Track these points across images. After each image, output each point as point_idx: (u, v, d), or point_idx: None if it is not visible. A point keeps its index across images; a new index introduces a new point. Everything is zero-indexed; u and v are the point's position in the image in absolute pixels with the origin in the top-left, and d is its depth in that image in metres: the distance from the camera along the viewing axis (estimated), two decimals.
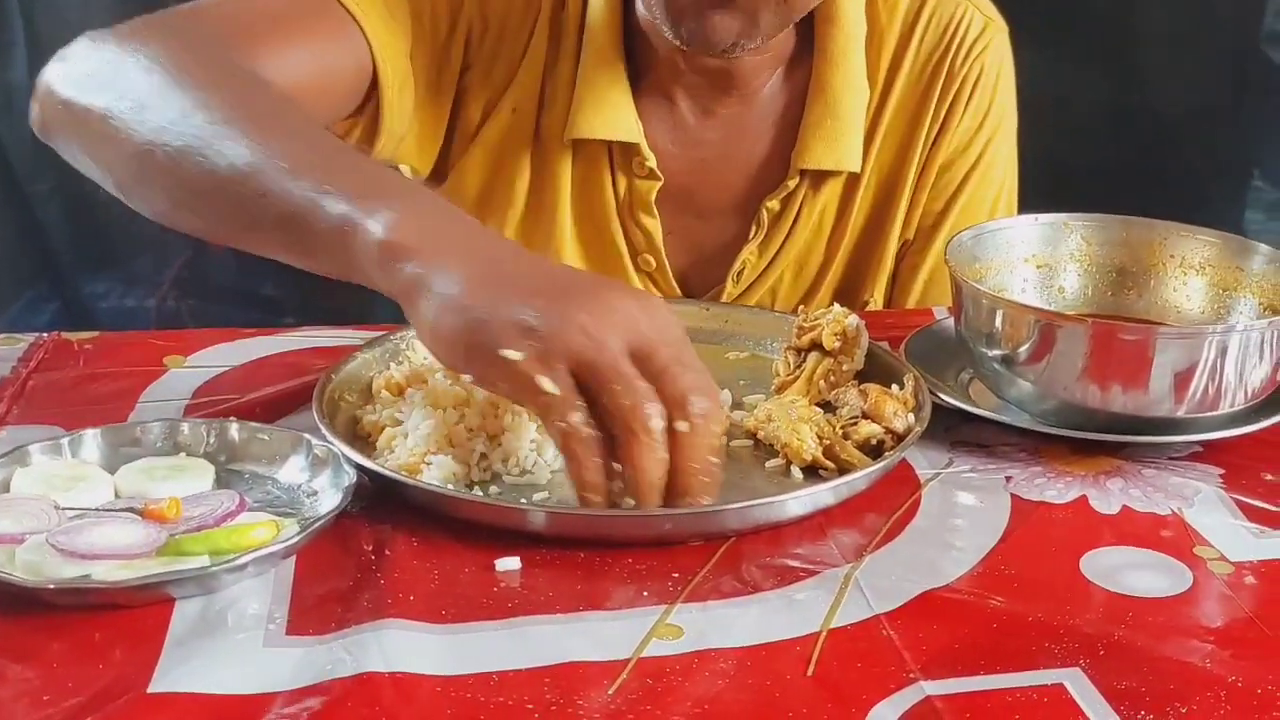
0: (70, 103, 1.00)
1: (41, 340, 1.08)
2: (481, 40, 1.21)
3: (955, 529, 0.84)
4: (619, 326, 0.77)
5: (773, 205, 1.24)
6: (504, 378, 0.78)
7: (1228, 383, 0.91)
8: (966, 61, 1.25)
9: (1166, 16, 2.10)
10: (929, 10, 1.26)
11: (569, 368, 0.77)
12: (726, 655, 0.70)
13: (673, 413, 0.78)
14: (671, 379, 0.78)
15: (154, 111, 0.93)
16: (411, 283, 0.81)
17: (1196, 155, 2.15)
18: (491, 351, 0.77)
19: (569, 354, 0.77)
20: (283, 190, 0.86)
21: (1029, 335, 0.93)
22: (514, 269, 0.82)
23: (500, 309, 0.78)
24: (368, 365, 0.97)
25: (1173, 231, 1.06)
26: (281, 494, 0.85)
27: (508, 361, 0.77)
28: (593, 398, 0.78)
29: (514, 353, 0.77)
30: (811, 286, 1.28)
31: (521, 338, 0.77)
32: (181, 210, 0.95)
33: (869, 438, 0.89)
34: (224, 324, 1.23)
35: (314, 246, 0.86)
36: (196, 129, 0.91)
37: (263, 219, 0.88)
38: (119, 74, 0.98)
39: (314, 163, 0.88)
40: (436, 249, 0.81)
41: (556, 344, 0.76)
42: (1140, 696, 0.68)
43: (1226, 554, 0.81)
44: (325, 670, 0.68)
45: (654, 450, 0.77)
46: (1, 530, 0.75)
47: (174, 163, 0.91)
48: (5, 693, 0.67)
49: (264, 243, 0.91)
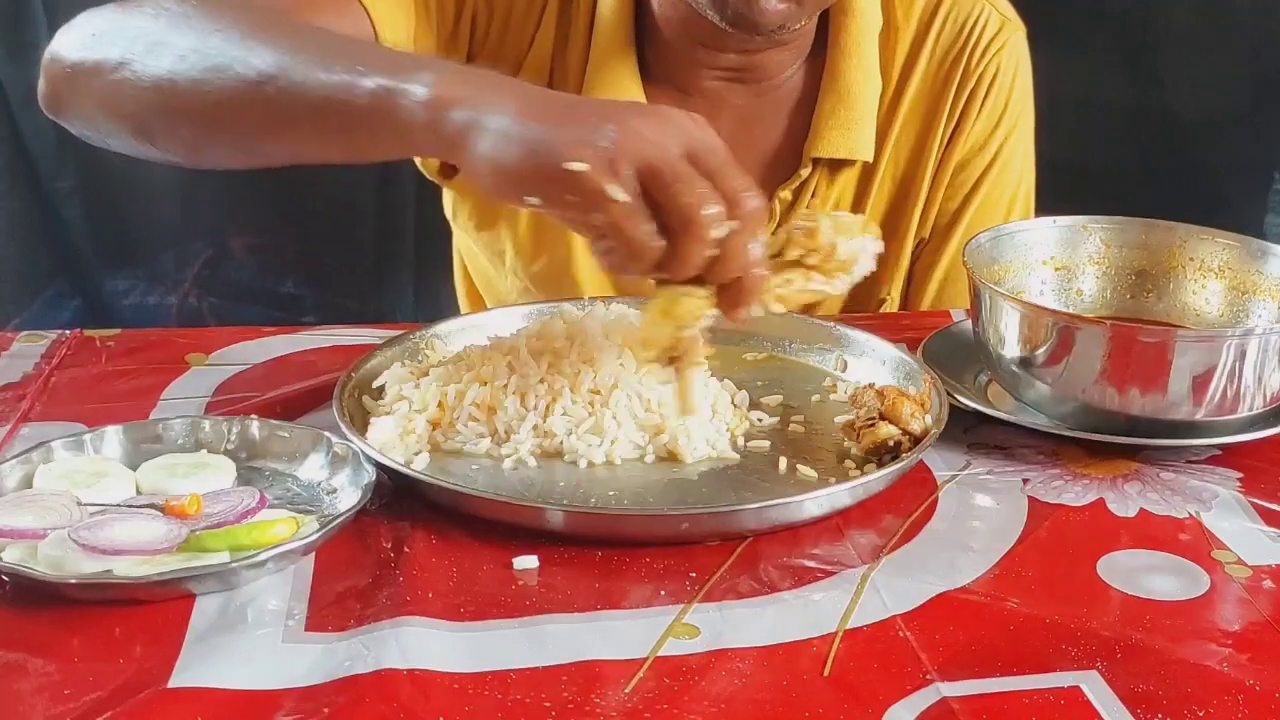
0: (79, 64, 1.00)
1: (64, 337, 1.09)
2: (487, 28, 1.22)
3: (972, 531, 0.84)
4: (675, 133, 0.80)
5: (785, 195, 1.24)
6: (572, 190, 0.79)
7: (1246, 386, 0.91)
8: (983, 60, 1.25)
9: (1186, 18, 2.09)
10: (946, 8, 1.26)
11: (634, 172, 0.78)
12: (743, 655, 0.71)
13: (727, 210, 0.80)
14: (725, 179, 0.80)
15: (168, 47, 0.95)
16: (463, 127, 0.82)
17: (1216, 157, 2.14)
18: (556, 167, 0.78)
19: (634, 158, 0.78)
20: (315, 80, 0.88)
21: (1047, 337, 0.93)
22: (563, 99, 0.85)
23: (560, 128, 0.80)
24: (387, 364, 0.97)
25: (1192, 234, 1.06)
26: (301, 491, 0.85)
27: (575, 174, 0.78)
28: (654, 202, 0.79)
29: (580, 164, 0.78)
30: None
31: (584, 149, 0.78)
32: (210, 132, 0.96)
33: (886, 439, 0.89)
34: (245, 322, 1.24)
35: (353, 125, 0.87)
36: (216, 49, 0.93)
37: (296, 113, 0.90)
38: (126, 25, 0.99)
39: (341, 52, 0.91)
40: (483, 91, 0.83)
41: (621, 150, 0.78)
42: (1157, 699, 0.68)
43: (1244, 558, 0.81)
44: (344, 666, 0.69)
45: (705, 242, 0.79)
46: (24, 525, 0.76)
47: (197, 85, 0.93)
48: (27, 686, 0.67)
49: (300, 138, 0.92)
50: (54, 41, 1.04)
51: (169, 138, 0.99)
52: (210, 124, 0.96)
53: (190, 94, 0.93)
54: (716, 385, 0.97)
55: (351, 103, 0.87)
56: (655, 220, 0.79)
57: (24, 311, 2.12)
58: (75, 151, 2.03)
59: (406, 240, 2.12)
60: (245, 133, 0.95)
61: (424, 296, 2.12)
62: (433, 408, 0.91)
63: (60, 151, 2.08)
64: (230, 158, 1.01)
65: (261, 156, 0.98)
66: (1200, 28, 2.10)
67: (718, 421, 0.93)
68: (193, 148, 0.99)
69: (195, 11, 0.98)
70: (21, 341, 1.08)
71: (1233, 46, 2.10)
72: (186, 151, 1.00)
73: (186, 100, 0.94)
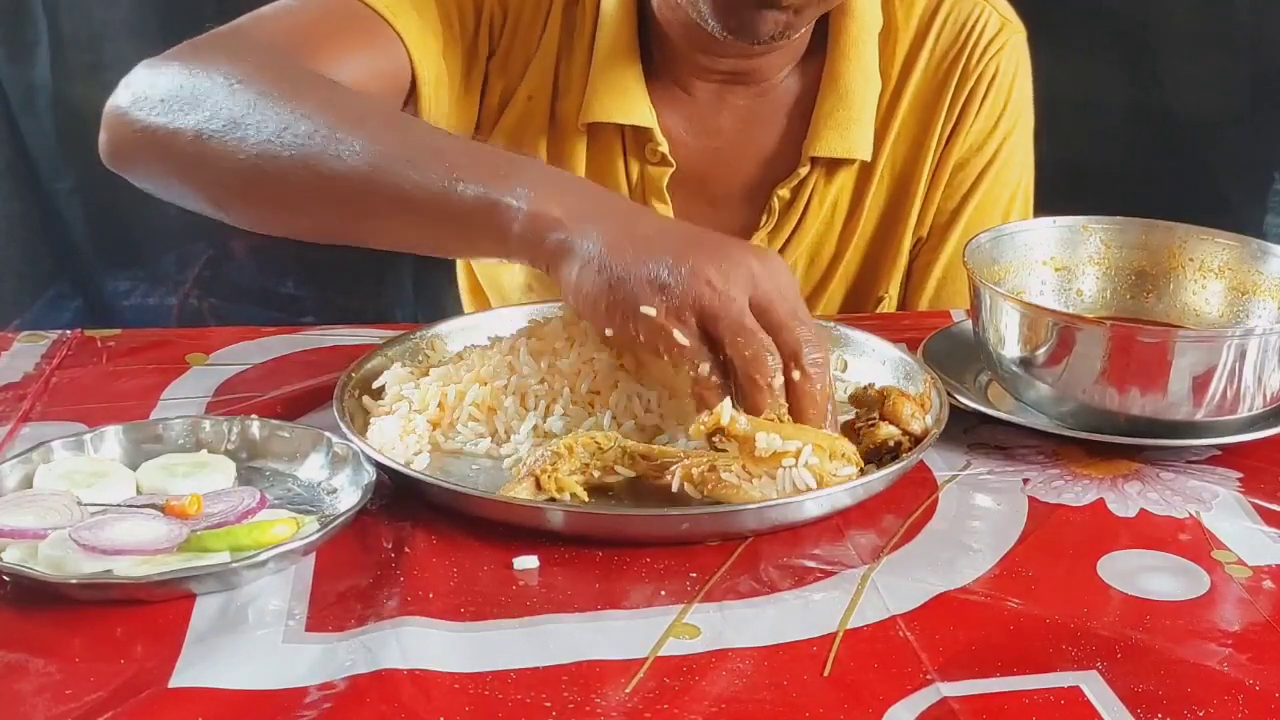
0: (151, 127, 1.01)
1: (65, 337, 1.09)
2: (501, 29, 1.23)
3: (972, 531, 0.84)
4: (742, 282, 0.85)
5: (784, 193, 1.25)
6: (642, 331, 0.86)
7: (1246, 386, 0.91)
8: (982, 61, 1.26)
9: (1186, 18, 2.09)
10: (946, 9, 1.26)
11: (698, 320, 0.85)
12: (743, 655, 0.71)
13: (788, 363, 0.86)
14: (788, 331, 0.86)
15: (252, 128, 0.96)
16: (556, 249, 0.89)
17: (1216, 158, 2.14)
18: (631, 307, 0.85)
19: (698, 308, 0.85)
20: (411, 183, 0.92)
21: (1047, 338, 0.93)
22: (646, 230, 0.89)
23: (636, 268, 0.86)
24: (387, 364, 0.97)
25: (1192, 235, 1.06)
26: (302, 491, 0.85)
27: (645, 316, 0.85)
28: (717, 346, 0.86)
29: (649, 309, 0.85)
30: (824, 277, 1.29)
31: (656, 294, 0.85)
32: (295, 215, 0.99)
33: (886, 440, 0.89)
34: (245, 322, 1.24)
35: (449, 232, 0.93)
36: (303, 139, 0.95)
37: (387, 213, 0.94)
38: (200, 94, 1.00)
39: (433, 149, 0.94)
40: (577, 217, 0.89)
41: (687, 300, 0.85)
42: (1157, 700, 0.68)
43: (1244, 558, 0.81)
44: (344, 667, 0.69)
45: (770, 396, 0.85)
46: (24, 526, 0.76)
47: (285, 173, 0.95)
48: (27, 687, 0.67)
49: (385, 234, 0.98)
50: (119, 95, 1.04)
51: (245, 216, 1.02)
52: (296, 210, 0.99)
53: (278, 181, 0.96)
54: None
55: (448, 209, 0.91)
56: None
57: (25, 312, 2.12)
58: (75, 152, 2.03)
59: None
60: (326, 223, 0.99)
61: (424, 296, 2.13)
62: (433, 408, 0.91)
63: (60, 152, 2.08)
64: (307, 236, 1.03)
65: (338, 240, 1.00)
66: (1200, 28, 2.10)
67: None
68: (269, 225, 1.02)
69: (271, 87, 0.98)
70: (22, 341, 1.08)
71: (1232, 46, 2.11)
72: (263, 227, 1.02)
73: (273, 186, 0.97)
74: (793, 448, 0.83)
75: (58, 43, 2.03)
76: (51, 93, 2.05)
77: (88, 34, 2.03)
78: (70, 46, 2.03)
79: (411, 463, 0.87)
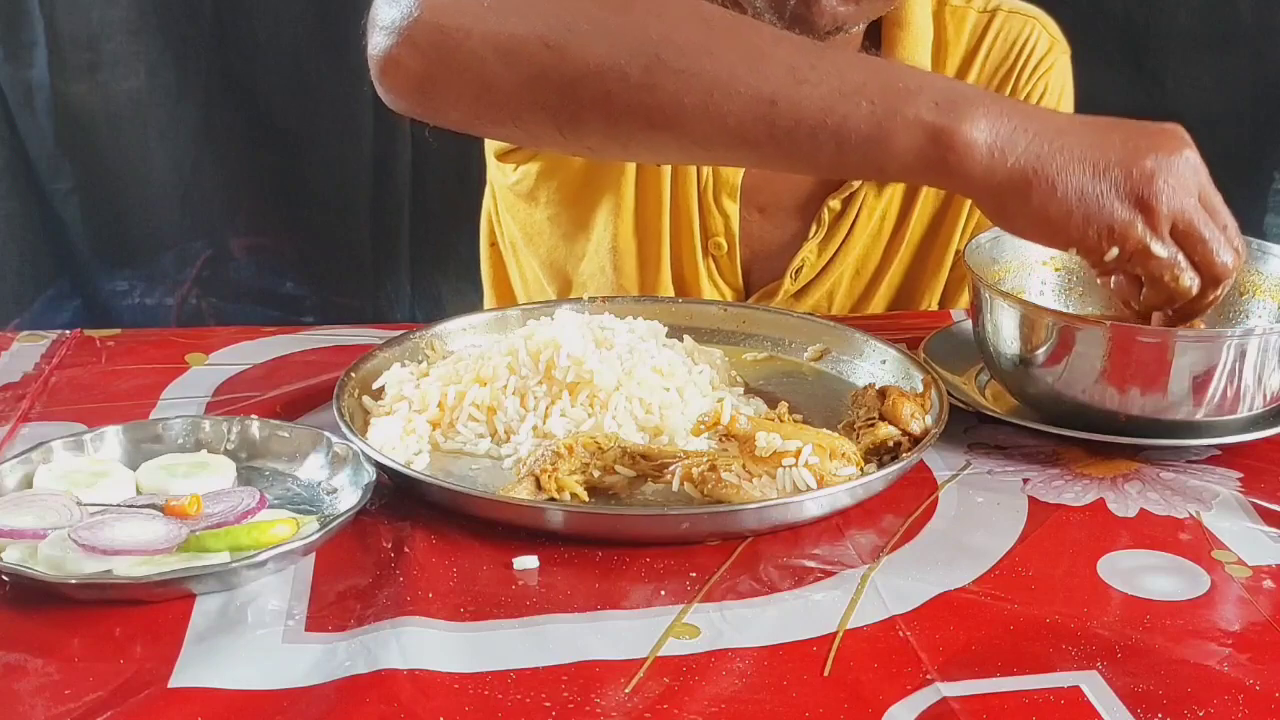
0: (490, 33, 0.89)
1: (64, 337, 1.09)
2: None
3: (972, 531, 0.84)
4: (1193, 176, 0.88)
5: (835, 205, 1.25)
6: (1120, 243, 0.87)
7: (1246, 386, 0.91)
8: (1032, 79, 1.27)
9: (1187, 18, 2.09)
10: (997, 26, 1.28)
11: (1170, 228, 0.87)
12: (743, 655, 0.71)
13: None
14: (1232, 230, 0.90)
15: (602, 37, 0.88)
16: (1017, 176, 0.86)
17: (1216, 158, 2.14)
18: (1105, 224, 0.86)
19: (1173, 215, 0.87)
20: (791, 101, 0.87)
21: (1047, 337, 0.93)
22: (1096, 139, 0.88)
23: (1105, 185, 0.86)
24: (387, 364, 0.98)
25: None
26: (301, 491, 0.85)
27: (1123, 231, 0.86)
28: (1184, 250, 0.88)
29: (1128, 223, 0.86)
30: (868, 289, 1.30)
31: (1132, 208, 0.86)
32: (649, 131, 0.90)
33: (886, 440, 0.89)
34: (245, 322, 1.24)
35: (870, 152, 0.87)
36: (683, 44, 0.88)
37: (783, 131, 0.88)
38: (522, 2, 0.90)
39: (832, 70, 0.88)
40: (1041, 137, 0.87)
41: (1163, 209, 0.86)
42: (1157, 699, 0.68)
43: (1244, 558, 0.81)
44: (344, 667, 0.69)
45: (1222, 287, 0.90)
46: (24, 526, 0.76)
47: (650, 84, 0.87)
48: (27, 687, 0.67)
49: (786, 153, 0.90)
50: (417, 7, 0.91)
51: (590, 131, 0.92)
52: (659, 125, 0.89)
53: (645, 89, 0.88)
54: (717, 380, 0.97)
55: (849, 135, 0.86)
56: None
57: (24, 312, 2.12)
58: (74, 152, 2.03)
59: (401, 240, 2.13)
60: (693, 141, 0.91)
61: (423, 296, 2.13)
62: (433, 408, 0.91)
63: (59, 152, 2.08)
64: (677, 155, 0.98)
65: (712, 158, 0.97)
66: (1201, 28, 2.10)
67: None
68: (620, 143, 0.93)
69: None
70: (21, 341, 1.08)
71: (1233, 46, 2.10)
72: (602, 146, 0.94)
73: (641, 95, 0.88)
74: (793, 447, 0.83)
75: (55, 43, 2.03)
76: (50, 93, 2.04)
77: (85, 34, 2.03)
78: (68, 46, 2.02)
79: (411, 463, 0.87)
